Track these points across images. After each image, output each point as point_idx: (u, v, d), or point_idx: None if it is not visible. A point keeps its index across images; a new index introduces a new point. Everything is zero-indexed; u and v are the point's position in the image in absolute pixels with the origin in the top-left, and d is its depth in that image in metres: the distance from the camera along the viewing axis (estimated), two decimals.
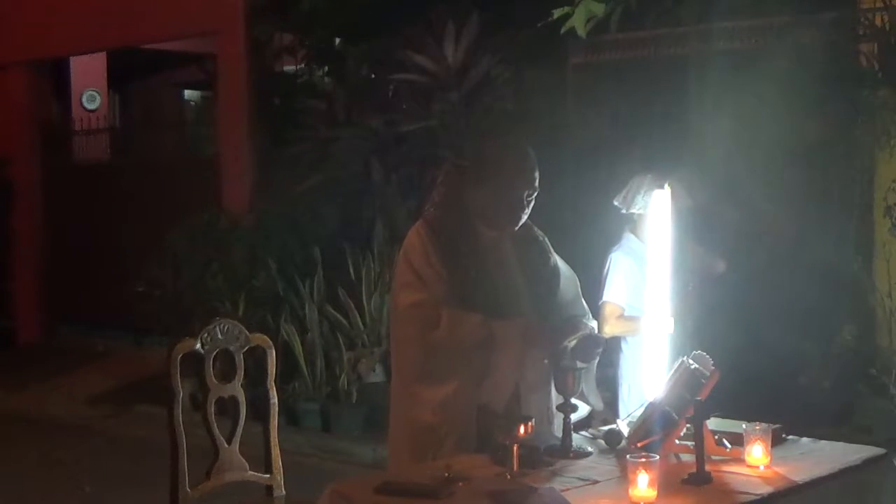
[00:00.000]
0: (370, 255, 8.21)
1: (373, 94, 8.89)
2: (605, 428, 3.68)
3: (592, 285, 5.37)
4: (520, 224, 3.65)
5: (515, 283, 3.65)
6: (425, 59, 8.35)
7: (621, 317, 5.20)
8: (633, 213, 5.08)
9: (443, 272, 3.53)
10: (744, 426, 3.33)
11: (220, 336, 4.03)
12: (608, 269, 5.25)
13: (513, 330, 3.51)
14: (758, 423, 3.34)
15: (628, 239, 5.22)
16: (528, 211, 3.63)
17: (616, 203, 5.18)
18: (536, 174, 3.60)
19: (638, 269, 4.86)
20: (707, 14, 7.26)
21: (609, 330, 5.22)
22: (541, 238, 3.79)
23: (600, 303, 5.24)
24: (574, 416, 3.54)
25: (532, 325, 3.55)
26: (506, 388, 3.52)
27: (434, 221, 3.62)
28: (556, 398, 3.60)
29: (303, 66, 10.28)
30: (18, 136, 12.54)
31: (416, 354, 3.56)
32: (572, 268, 3.89)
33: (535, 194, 3.61)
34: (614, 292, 5.21)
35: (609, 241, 5.40)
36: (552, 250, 3.80)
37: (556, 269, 3.77)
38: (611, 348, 5.48)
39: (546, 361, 3.57)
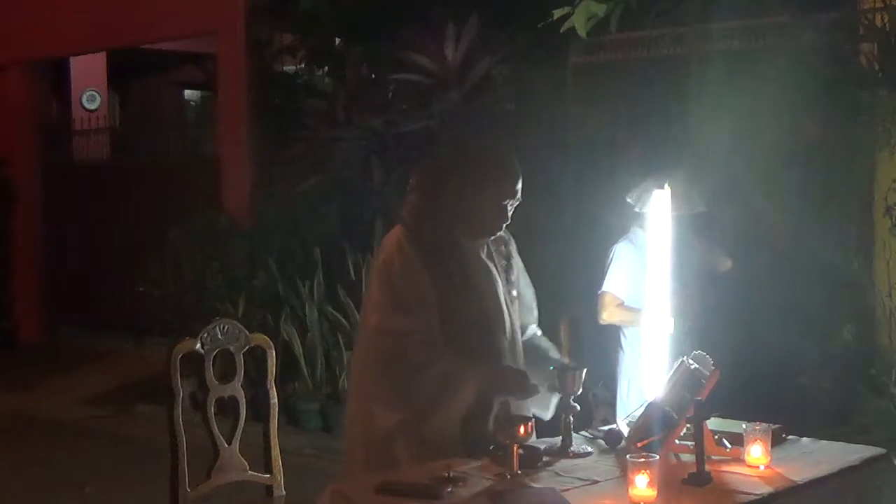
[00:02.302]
0: (370, 255, 8.21)
1: (373, 94, 8.89)
2: (605, 428, 3.68)
3: (592, 284, 5.38)
4: (499, 233, 3.60)
5: (497, 289, 3.61)
6: (425, 59, 8.35)
7: (620, 306, 5.21)
8: (644, 212, 5.07)
9: (420, 289, 3.44)
10: (744, 426, 3.33)
11: (220, 336, 4.02)
12: (611, 259, 5.26)
13: (471, 376, 3.42)
14: (758, 423, 3.34)
15: (635, 233, 5.23)
16: (509, 220, 3.57)
17: (629, 200, 5.18)
18: (520, 183, 3.53)
19: (641, 262, 4.86)
20: (707, 14, 7.26)
21: (607, 317, 5.24)
22: (507, 237, 3.72)
23: (599, 292, 5.25)
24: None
25: (491, 372, 3.48)
26: (451, 424, 3.43)
27: (414, 229, 3.53)
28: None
29: (303, 66, 10.28)
30: (18, 136, 12.54)
31: (376, 378, 3.49)
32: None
33: (518, 203, 3.54)
34: (615, 283, 5.23)
35: (610, 240, 5.41)
36: (515, 251, 3.75)
37: (520, 267, 3.74)
38: (610, 346, 5.49)
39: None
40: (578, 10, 7.23)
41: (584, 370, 3.51)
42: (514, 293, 3.68)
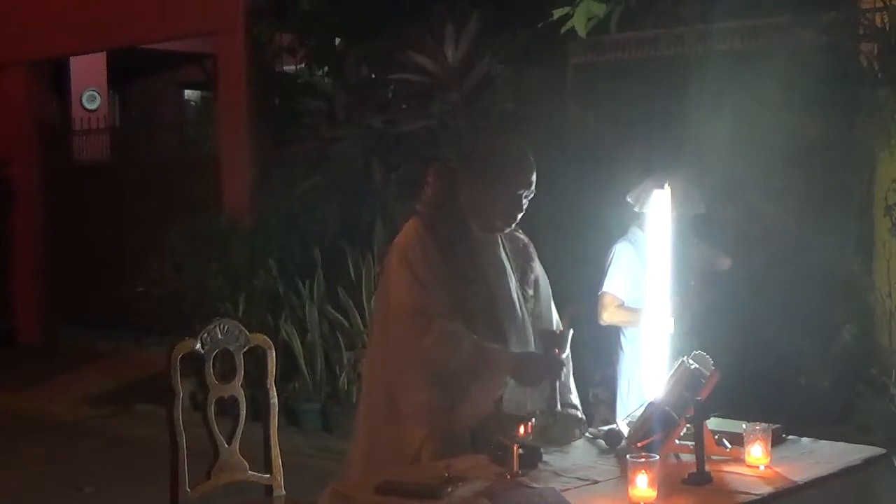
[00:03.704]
0: (370, 255, 8.21)
1: (373, 94, 8.88)
2: (605, 428, 3.68)
3: (592, 284, 5.38)
4: (515, 224, 3.65)
5: (509, 284, 3.66)
6: (425, 59, 8.34)
7: (620, 306, 5.21)
8: (643, 212, 5.07)
9: (439, 274, 3.51)
10: (744, 426, 3.33)
11: (220, 336, 4.03)
12: (611, 260, 5.26)
13: (504, 362, 3.48)
14: (758, 423, 3.34)
15: (634, 233, 5.23)
16: (523, 211, 3.63)
17: (628, 200, 5.18)
18: (534, 175, 3.60)
19: (640, 262, 4.86)
20: (707, 14, 7.26)
21: (608, 317, 5.24)
22: (526, 241, 3.79)
23: (599, 293, 5.25)
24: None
25: (523, 359, 3.52)
26: (480, 413, 3.46)
27: (430, 220, 3.60)
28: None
29: (303, 66, 10.28)
30: (18, 136, 12.54)
31: (405, 357, 3.51)
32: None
33: (532, 195, 3.61)
34: (615, 284, 5.23)
35: (610, 240, 5.41)
36: (536, 256, 3.81)
37: (537, 275, 3.78)
38: (610, 346, 5.50)
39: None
40: (578, 11, 7.24)
41: (570, 331, 3.55)
42: (531, 292, 3.71)
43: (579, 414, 3.55)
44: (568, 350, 3.57)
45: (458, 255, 3.55)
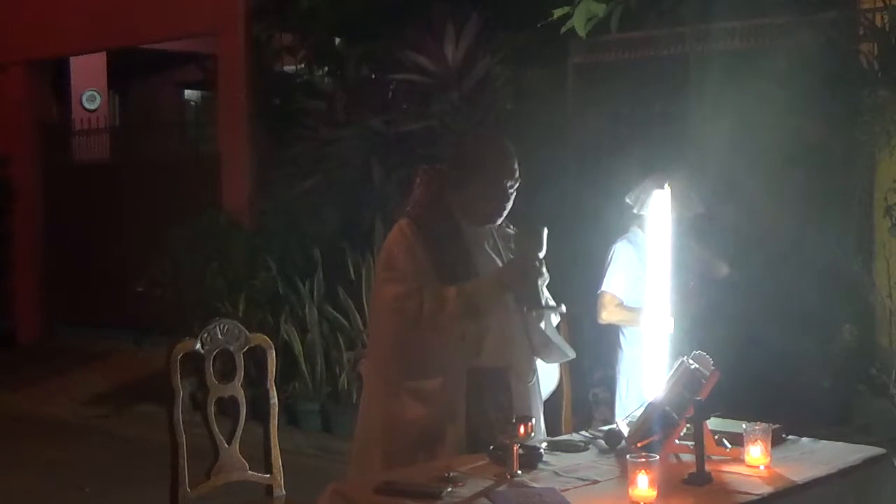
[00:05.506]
0: (370, 255, 8.21)
1: (373, 94, 8.88)
2: (605, 428, 3.69)
3: (592, 284, 5.38)
4: (504, 215, 3.68)
5: None
6: (425, 59, 8.34)
7: (620, 305, 5.21)
8: (643, 214, 5.07)
9: (427, 269, 3.54)
10: (744, 426, 3.34)
11: (220, 336, 4.03)
12: (610, 259, 5.27)
13: (494, 280, 3.54)
14: (758, 423, 3.34)
15: (634, 232, 5.24)
16: (511, 202, 3.65)
17: (628, 201, 5.19)
18: (517, 164, 3.64)
19: (640, 262, 4.86)
20: (707, 14, 7.26)
21: (607, 316, 5.25)
22: (514, 232, 3.81)
23: (599, 292, 5.26)
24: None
25: (507, 268, 3.58)
26: (505, 338, 3.54)
27: (418, 218, 3.64)
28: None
29: (303, 66, 10.28)
30: (18, 136, 12.54)
31: (400, 349, 3.55)
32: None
33: (518, 185, 3.64)
34: (614, 283, 5.23)
35: (609, 239, 5.41)
36: None
37: None
38: (610, 346, 5.50)
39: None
40: (578, 10, 7.23)
41: (545, 230, 3.55)
42: None
43: (563, 308, 3.63)
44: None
45: (448, 253, 3.59)
